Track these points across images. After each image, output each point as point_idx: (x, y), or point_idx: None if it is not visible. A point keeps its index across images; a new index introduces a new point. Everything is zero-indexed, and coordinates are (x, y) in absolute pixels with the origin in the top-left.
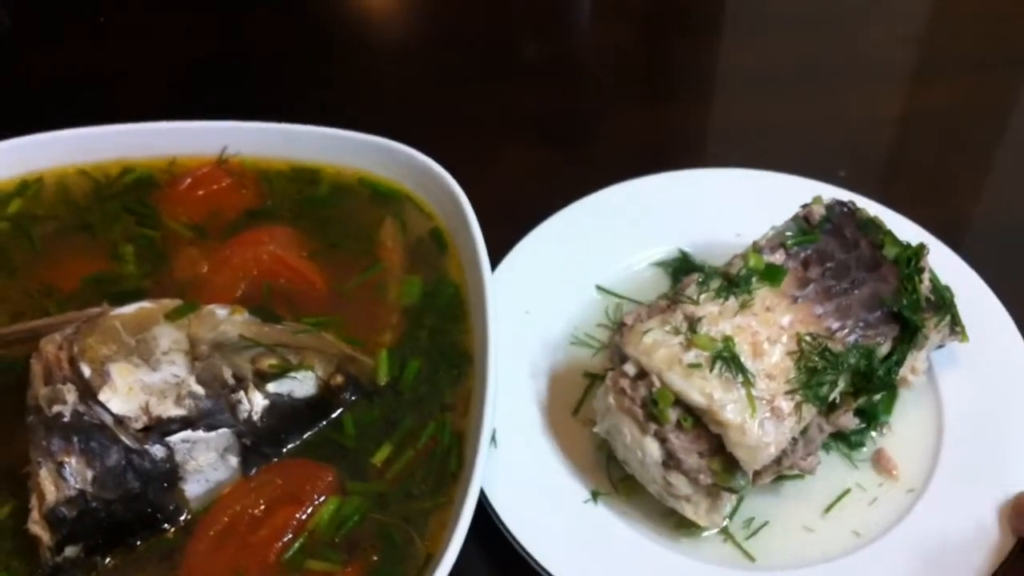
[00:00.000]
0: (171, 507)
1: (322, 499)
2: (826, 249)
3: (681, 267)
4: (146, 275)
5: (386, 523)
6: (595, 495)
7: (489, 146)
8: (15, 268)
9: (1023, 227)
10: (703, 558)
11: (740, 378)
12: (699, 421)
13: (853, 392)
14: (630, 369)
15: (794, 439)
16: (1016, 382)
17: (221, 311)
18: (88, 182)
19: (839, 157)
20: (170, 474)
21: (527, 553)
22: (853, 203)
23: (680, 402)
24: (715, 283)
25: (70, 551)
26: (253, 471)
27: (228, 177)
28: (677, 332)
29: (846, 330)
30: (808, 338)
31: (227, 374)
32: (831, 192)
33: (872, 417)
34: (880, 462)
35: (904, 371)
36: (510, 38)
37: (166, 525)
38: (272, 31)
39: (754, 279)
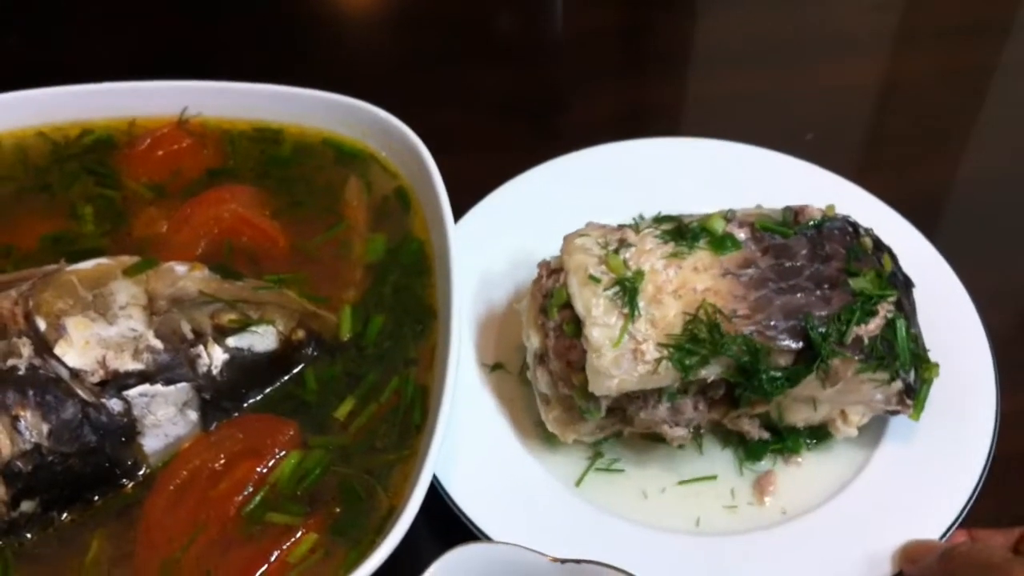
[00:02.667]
0: (129, 462)
1: (283, 453)
2: (793, 248)
3: None
4: (105, 234)
5: (348, 476)
6: (492, 366)
7: (460, 120)
8: None
9: (989, 196)
10: (559, 475)
11: (626, 309)
12: (580, 333)
13: (733, 385)
14: (554, 262)
15: (656, 395)
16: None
17: (180, 267)
18: (46, 144)
19: (809, 127)
20: (128, 428)
21: (447, 495)
22: (866, 229)
23: (569, 306)
24: (667, 225)
25: (26, 506)
26: (213, 426)
27: (189, 137)
28: (604, 248)
29: (748, 321)
30: (709, 308)
31: (186, 328)
32: (797, 165)
33: (782, 441)
34: (761, 483)
35: (833, 414)
36: (484, 14)
37: (124, 480)
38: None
39: (702, 239)
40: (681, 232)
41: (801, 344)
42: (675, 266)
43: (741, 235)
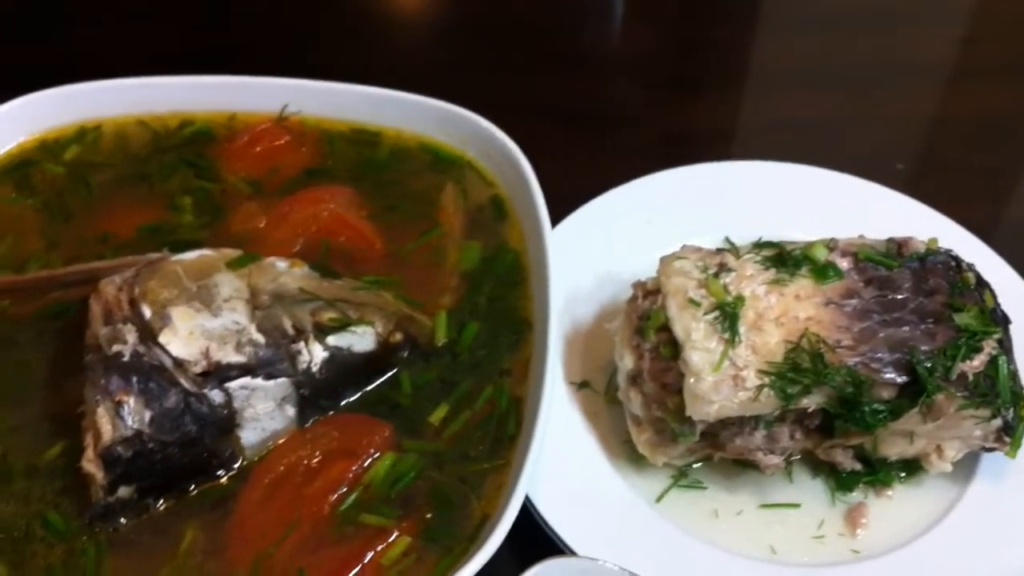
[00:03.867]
0: (226, 453)
1: (377, 454)
2: (897, 280)
3: None
4: (203, 226)
5: (442, 482)
6: (583, 385)
7: (543, 130)
8: (71, 214)
9: None
10: (641, 492)
11: (727, 335)
12: (677, 356)
13: (834, 416)
14: (650, 283)
15: (753, 423)
16: None
17: (281, 263)
18: (147, 133)
19: (891, 153)
20: (227, 420)
21: (535, 509)
22: (968, 264)
23: (666, 328)
24: (769, 251)
25: (123, 492)
26: (309, 422)
27: (287, 135)
28: (704, 271)
29: (853, 352)
30: (812, 338)
31: (287, 324)
32: (890, 195)
33: (875, 473)
34: (853, 515)
35: (928, 448)
36: (553, 25)
37: (220, 471)
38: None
39: (804, 267)
40: (783, 259)
41: (906, 378)
42: (776, 293)
43: (843, 264)
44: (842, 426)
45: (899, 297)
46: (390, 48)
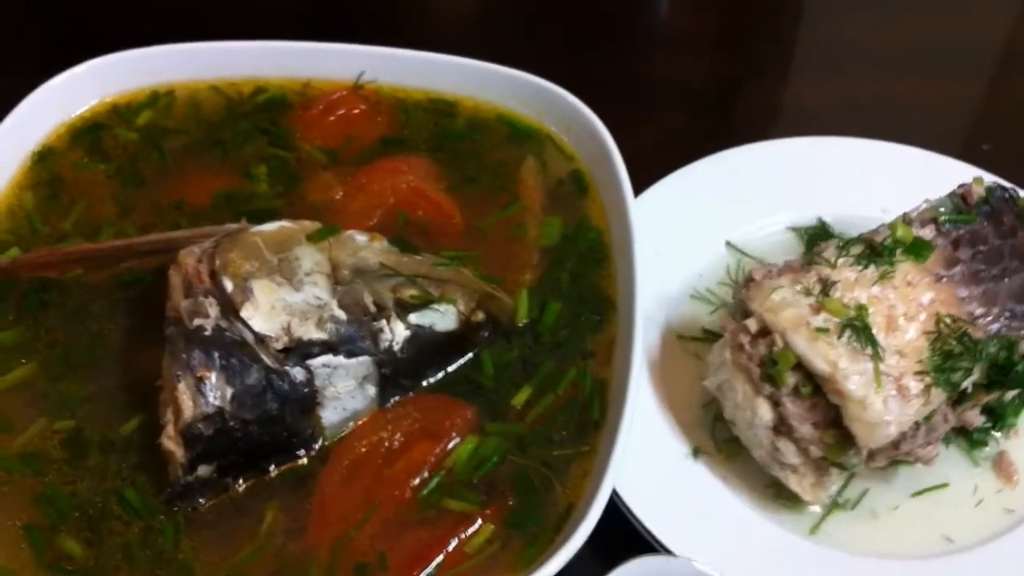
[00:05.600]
0: (307, 433)
1: (459, 438)
2: (980, 232)
3: (818, 234)
4: (279, 195)
5: (525, 467)
6: (696, 451)
7: (623, 105)
8: (144, 179)
9: None
10: (799, 532)
11: (869, 350)
12: (817, 389)
13: (986, 385)
14: (752, 325)
15: (916, 424)
16: None
17: (360, 237)
18: (220, 98)
19: (980, 136)
20: (308, 399)
21: (624, 504)
22: (1016, 190)
23: (800, 367)
24: (856, 249)
25: (203, 470)
26: (390, 402)
27: (363, 103)
28: (808, 294)
29: (990, 318)
30: (948, 320)
31: (368, 301)
32: (976, 173)
33: (1000, 417)
34: (1001, 466)
35: None
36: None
37: (300, 451)
38: None
39: (898, 251)
40: (875, 251)
41: None
42: (890, 288)
43: (927, 235)
44: (998, 394)
45: (992, 245)
46: (464, 17)
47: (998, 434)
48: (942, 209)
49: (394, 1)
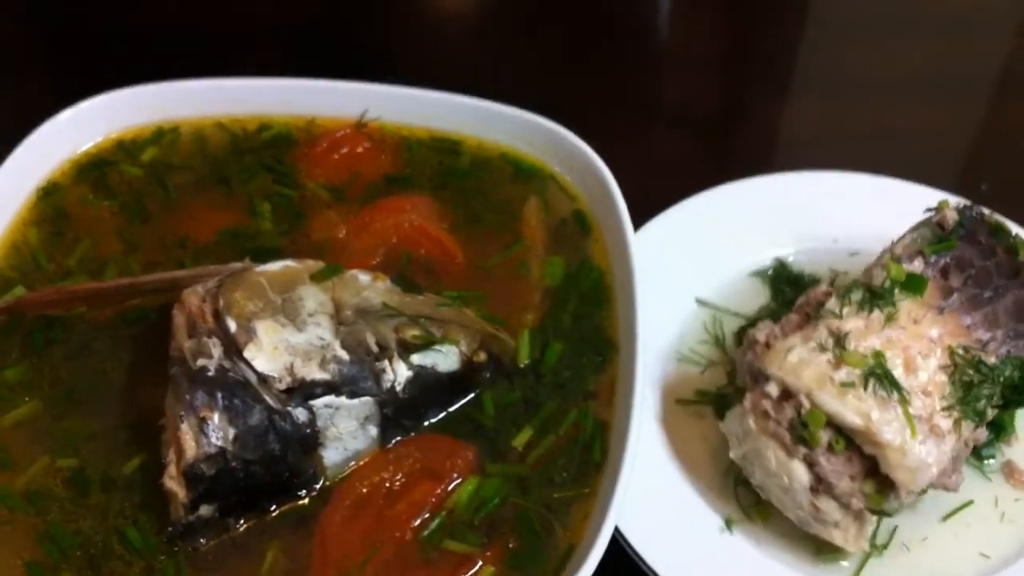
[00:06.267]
0: (309, 472)
1: (460, 478)
2: (964, 256)
3: (779, 276)
4: (283, 233)
5: (526, 508)
6: (729, 523)
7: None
8: (149, 216)
9: None
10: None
11: (896, 396)
12: (850, 443)
13: (1001, 405)
14: (773, 390)
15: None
16: None
17: (364, 277)
18: (225, 135)
19: (969, 166)
20: (311, 439)
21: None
22: (981, 209)
23: (830, 423)
24: (856, 295)
25: (204, 510)
26: (391, 443)
27: (367, 141)
28: (823, 349)
29: (997, 341)
30: (961, 351)
31: (371, 341)
32: (924, 193)
33: (1000, 428)
34: (1013, 474)
35: None
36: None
37: (302, 491)
38: None
39: (895, 290)
40: (874, 294)
41: None
42: (898, 329)
43: (917, 268)
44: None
45: (980, 267)
46: (461, 51)
47: (1002, 445)
48: (923, 239)
49: (397, 40)
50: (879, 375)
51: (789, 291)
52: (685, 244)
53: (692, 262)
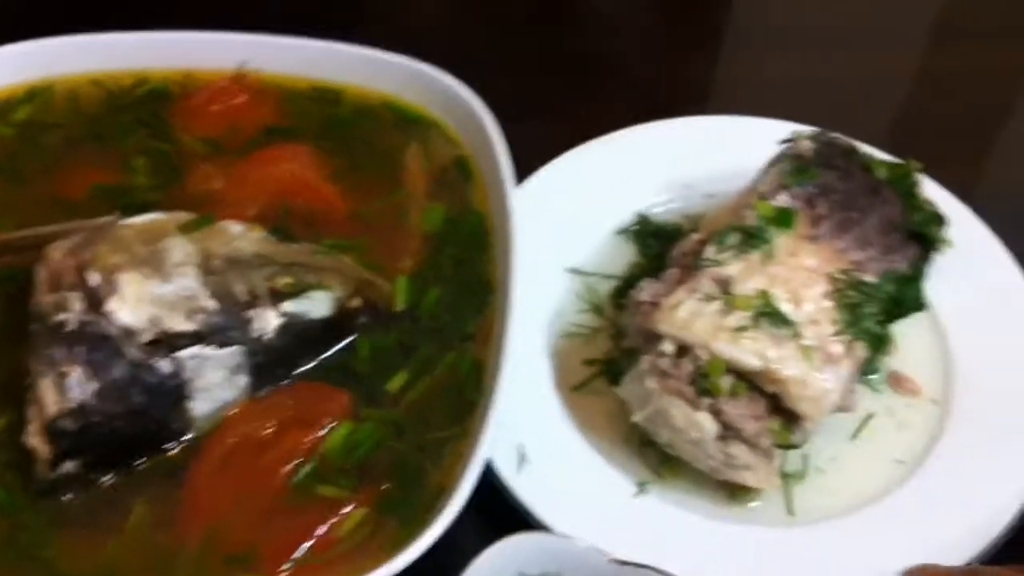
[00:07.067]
0: (176, 425)
1: (334, 424)
2: (826, 183)
3: (643, 231)
4: (158, 188)
5: (400, 451)
6: (642, 485)
7: (517, 86)
8: (23, 176)
9: None
10: (766, 522)
11: (788, 331)
12: (750, 385)
13: (883, 320)
14: (668, 348)
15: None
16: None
17: (236, 227)
18: (100, 92)
19: (852, 113)
20: (177, 391)
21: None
22: (832, 134)
23: (729, 370)
24: (731, 239)
25: (68, 466)
26: (264, 392)
27: (245, 93)
28: (710, 299)
29: (872, 259)
30: (840, 275)
31: (240, 290)
32: (781, 127)
33: (880, 341)
34: (899, 382)
35: None
36: None
37: (170, 444)
38: None
39: (769, 228)
40: (749, 235)
41: (914, 245)
42: (778, 266)
43: (784, 201)
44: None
45: (843, 189)
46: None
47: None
48: (785, 172)
49: None
50: (768, 313)
51: (655, 244)
52: (551, 211)
53: (559, 229)
